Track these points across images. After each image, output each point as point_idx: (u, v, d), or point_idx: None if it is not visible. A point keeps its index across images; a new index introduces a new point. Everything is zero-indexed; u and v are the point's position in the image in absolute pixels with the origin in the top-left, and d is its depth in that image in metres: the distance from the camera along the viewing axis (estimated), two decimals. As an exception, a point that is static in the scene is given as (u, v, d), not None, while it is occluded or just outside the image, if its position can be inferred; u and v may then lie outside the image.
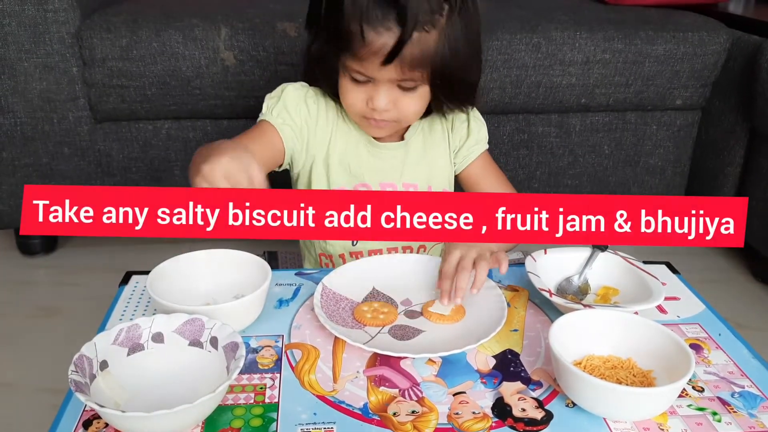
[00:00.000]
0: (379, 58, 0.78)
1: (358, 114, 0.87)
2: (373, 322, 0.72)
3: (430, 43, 0.78)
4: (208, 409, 0.57)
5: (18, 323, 1.28)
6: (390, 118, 0.86)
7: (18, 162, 1.37)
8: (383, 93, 0.82)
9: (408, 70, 0.79)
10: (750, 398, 0.63)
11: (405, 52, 0.77)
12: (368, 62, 0.79)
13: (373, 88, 0.83)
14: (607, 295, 0.79)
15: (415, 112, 0.87)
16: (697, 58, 1.41)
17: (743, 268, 1.56)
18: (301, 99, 0.91)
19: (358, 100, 0.85)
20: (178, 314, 0.64)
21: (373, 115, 0.85)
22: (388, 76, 0.80)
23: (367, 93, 0.84)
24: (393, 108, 0.84)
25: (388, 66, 0.78)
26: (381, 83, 0.82)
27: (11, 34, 1.25)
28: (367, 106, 0.84)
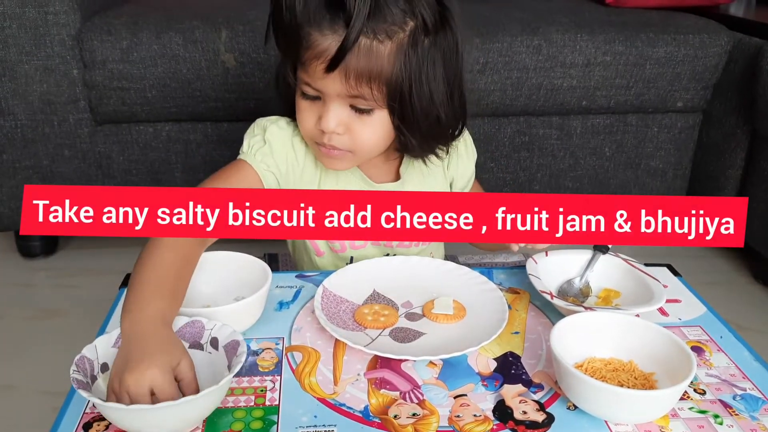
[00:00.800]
0: (322, 64, 0.70)
1: (311, 138, 0.79)
2: (374, 325, 0.72)
3: (383, 57, 0.71)
4: (211, 404, 0.56)
5: (18, 325, 1.28)
6: (343, 146, 0.77)
7: (18, 164, 1.37)
8: (332, 111, 0.74)
9: (355, 83, 0.71)
10: (752, 401, 0.63)
11: (350, 60, 0.70)
12: (312, 69, 0.72)
13: (323, 106, 0.75)
14: (608, 297, 0.79)
15: (371, 142, 0.78)
16: (698, 60, 1.41)
17: (745, 270, 1.56)
18: (287, 141, 0.83)
19: (309, 120, 0.77)
20: (178, 317, 0.64)
21: (323, 140, 0.77)
22: (334, 89, 0.73)
23: (318, 112, 0.76)
24: (345, 132, 0.76)
25: (333, 75, 0.71)
26: (331, 100, 0.74)
27: (12, 37, 1.25)
28: (316, 127, 0.77)
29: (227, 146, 1.42)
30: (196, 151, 1.41)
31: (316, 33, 0.71)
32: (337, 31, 0.70)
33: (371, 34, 0.70)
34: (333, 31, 0.70)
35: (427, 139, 0.80)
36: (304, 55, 0.72)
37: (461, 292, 0.77)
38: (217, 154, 1.42)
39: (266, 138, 0.83)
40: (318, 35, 0.71)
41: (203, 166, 1.43)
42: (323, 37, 0.70)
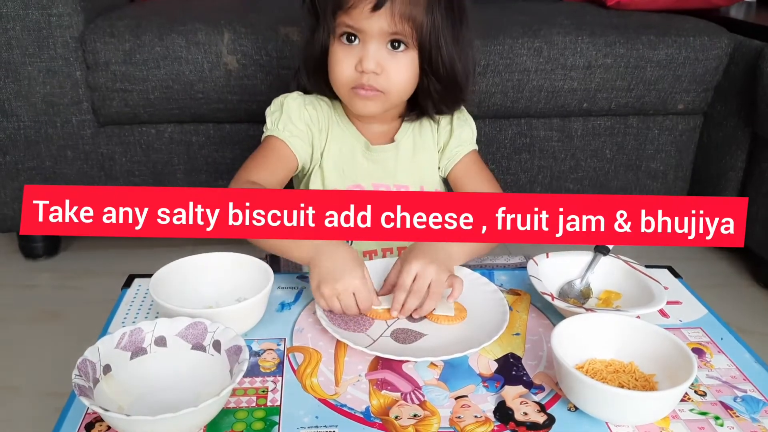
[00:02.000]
0: (369, 4, 0.79)
1: (347, 85, 0.86)
2: (386, 316, 0.73)
3: (420, 3, 0.80)
4: (212, 412, 0.57)
5: (21, 327, 1.29)
6: (379, 86, 0.84)
7: (21, 165, 1.37)
8: (372, 50, 0.82)
9: (398, 20, 0.80)
10: (752, 402, 0.63)
11: (396, 1, 0.79)
12: (358, 10, 0.80)
13: (362, 49, 0.83)
14: (609, 299, 0.79)
15: (403, 81, 0.86)
16: (699, 62, 1.41)
17: (746, 272, 1.56)
18: (301, 106, 0.92)
19: (347, 65, 0.84)
20: (180, 318, 0.64)
21: (362, 81, 0.84)
22: (378, 26, 0.81)
23: (357, 56, 0.83)
24: (381, 73, 0.83)
25: (378, 14, 0.79)
26: (370, 39, 0.82)
27: (15, 38, 1.26)
28: (355, 70, 0.84)
29: (229, 148, 1.42)
30: (199, 153, 1.42)
31: None
32: None
33: None
34: None
35: (446, 86, 0.89)
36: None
37: (462, 294, 0.77)
38: (219, 155, 1.42)
39: (283, 109, 0.91)
40: None
41: (205, 167, 1.43)
42: None
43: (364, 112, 0.89)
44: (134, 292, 0.80)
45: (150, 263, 0.75)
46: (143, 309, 0.76)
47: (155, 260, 0.74)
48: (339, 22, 0.83)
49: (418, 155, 0.97)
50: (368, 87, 0.84)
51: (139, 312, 0.76)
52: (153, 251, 1.53)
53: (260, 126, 1.40)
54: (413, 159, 0.96)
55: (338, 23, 0.83)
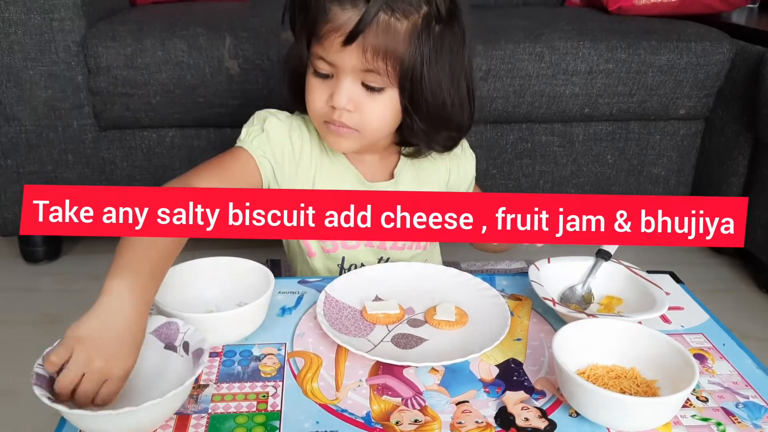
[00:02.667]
0: (340, 37, 0.73)
1: (320, 117, 0.80)
2: (387, 320, 0.73)
3: (399, 35, 0.73)
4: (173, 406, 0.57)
5: (22, 330, 1.29)
6: (352, 124, 0.78)
7: (22, 169, 1.38)
8: (344, 87, 0.76)
9: (371, 58, 0.73)
10: (754, 409, 0.63)
11: (368, 34, 0.72)
12: (329, 42, 0.74)
13: (335, 83, 0.77)
14: (610, 304, 0.79)
15: (379, 121, 0.79)
16: (701, 68, 1.41)
17: (748, 278, 1.56)
18: (285, 133, 0.85)
19: (320, 99, 0.79)
20: (157, 317, 0.65)
21: (333, 117, 0.78)
22: (350, 62, 0.74)
23: (330, 89, 0.78)
24: (355, 110, 0.78)
25: (350, 49, 0.73)
26: (343, 75, 0.76)
27: (17, 43, 1.26)
28: (327, 104, 0.78)
29: (230, 152, 1.42)
30: (200, 157, 1.41)
31: (336, 7, 0.73)
32: (357, 5, 0.72)
33: (390, 11, 0.73)
34: (353, 5, 0.73)
35: (433, 124, 0.81)
36: (323, 29, 0.74)
37: (463, 299, 0.77)
38: (220, 160, 1.42)
39: (264, 127, 0.84)
40: (338, 9, 0.73)
41: (206, 171, 1.43)
42: (343, 11, 0.73)
43: (337, 148, 0.84)
44: (135, 297, 0.80)
45: (151, 267, 0.75)
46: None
47: (156, 264, 0.74)
48: (313, 51, 0.77)
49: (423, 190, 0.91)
50: (339, 123, 0.79)
51: (140, 316, 0.76)
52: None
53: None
54: None
55: (312, 52, 0.77)
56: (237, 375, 0.65)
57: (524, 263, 1.39)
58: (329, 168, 0.87)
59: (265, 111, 0.87)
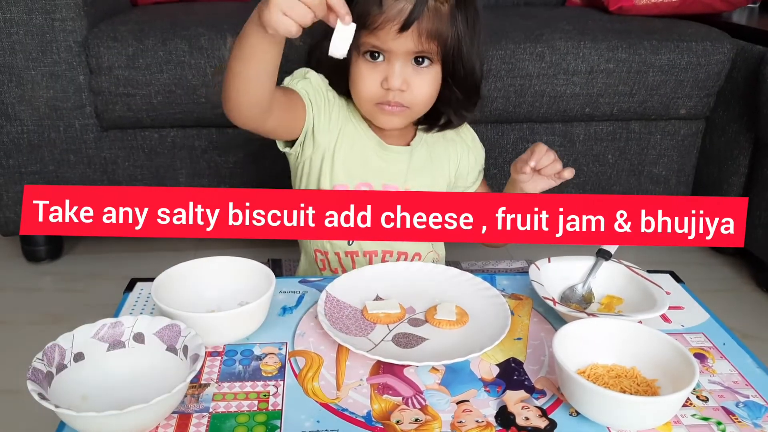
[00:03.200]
0: (396, 26, 0.79)
1: (372, 100, 0.87)
2: (387, 320, 0.73)
3: (444, 17, 0.81)
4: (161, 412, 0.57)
5: (23, 330, 1.29)
6: (404, 102, 0.86)
7: (24, 169, 1.38)
8: (398, 68, 0.83)
9: (425, 40, 0.81)
10: (755, 408, 0.63)
11: (422, 20, 0.79)
12: (384, 32, 0.80)
13: (388, 67, 0.84)
14: (611, 304, 0.79)
15: (427, 96, 0.87)
16: (701, 67, 1.41)
17: (748, 277, 1.56)
18: (324, 85, 0.91)
19: (372, 82, 0.85)
20: (160, 317, 0.65)
21: (388, 97, 0.85)
22: (405, 47, 0.82)
23: (382, 73, 0.85)
24: (407, 88, 0.85)
25: (405, 35, 0.80)
26: (396, 58, 0.83)
27: (19, 43, 1.26)
28: (381, 87, 0.85)
29: (232, 152, 1.42)
30: (201, 157, 1.42)
31: None
32: None
33: None
34: None
35: (468, 93, 0.91)
36: (377, 20, 0.80)
37: (464, 298, 0.78)
38: (221, 160, 1.43)
39: (307, 77, 0.90)
40: (391, 0, 0.79)
41: (208, 171, 1.43)
42: (396, 2, 0.79)
43: (388, 126, 0.91)
44: (136, 296, 0.80)
45: (152, 267, 0.75)
46: (145, 313, 0.76)
47: (157, 264, 0.74)
48: (363, 41, 0.83)
49: (433, 166, 0.98)
50: (394, 103, 0.86)
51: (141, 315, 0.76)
52: (155, 255, 1.53)
53: (263, 130, 1.41)
54: (428, 168, 0.97)
55: (363, 42, 0.83)
56: (238, 374, 0.65)
57: (525, 263, 1.40)
58: (351, 132, 0.94)
59: (302, 68, 0.92)
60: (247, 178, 1.45)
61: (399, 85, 0.84)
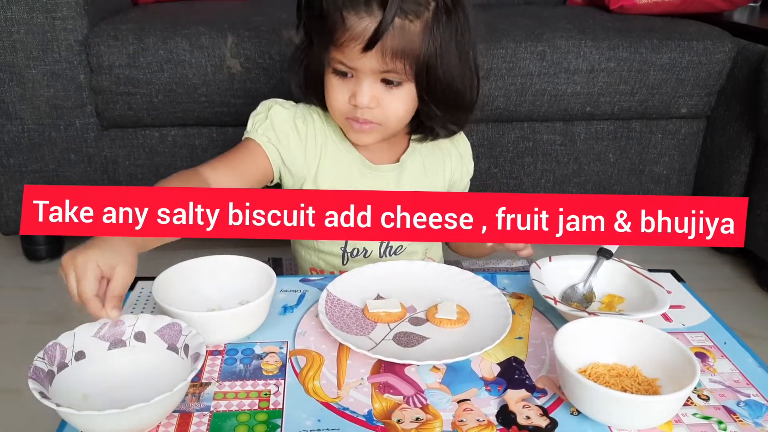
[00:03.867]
0: (360, 44, 0.76)
1: (342, 114, 0.84)
2: (388, 319, 0.73)
3: (414, 35, 0.77)
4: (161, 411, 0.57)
5: (24, 329, 1.29)
6: (374, 119, 0.83)
7: (25, 168, 1.38)
8: (366, 87, 0.80)
9: (390, 60, 0.77)
10: (756, 407, 0.63)
11: (386, 39, 0.76)
12: (349, 49, 0.77)
13: (356, 83, 0.81)
14: (612, 302, 0.79)
15: (400, 113, 0.84)
16: (702, 66, 1.41)
17: (749, 277, 1.56)
18: (289, 119, 0.89)
19: (341, 98, 0.83)
20: (161, 316, 0.65)
21: (356, 114, 0.82)
22: (370, 66, 0.78)
23: (351, 89, 0.82)
24: (377, 106, 0.82)
25: (369, 54, 0.77)
26: (364, 76, 0.80)
27: (20, 42, 1.26)
28: (349, 103, 0.82)
29: (232, 151, 1.42)
30: (202, 156, 1.42)
31: (353, 16, 0.76)
32: (373, 12, 0.75)
33: (403, 14, 0.76)
34: (369, 13, 0.75)
35: (448, 107, 0.86)
36: (342, 38, 0.77)
37: (465, 297, 0.78)
38: (222, 158, 1.43)
39: (269, 115, 0.88)
40: (355, 18, 0.76)
41: (208, 170, 1.43)
42: (360, 20, 0.76)
43: (360, 142, 0.89)
44: (137, 295, 0.80)
45: (153, 266, 0.75)
46: (146, 311, 0.76)
47: (158, 263, 0.74)
48: (332, 56, 0.80)
49: (426, 180, 0.95)
50: (363, 120, 0.83)
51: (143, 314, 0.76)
52: (156, 254, 1.53)
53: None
54: (420, 183, 0.94)
55: (331, 57, 0.81)
56: (239, 373, 0.65)
57: (525, 262, 1.39)
58: (334, 152, 0.91)
59: (270, 100, 0.90)
60: (248, 177, 1.45)
61: (366, 103, 0.81)
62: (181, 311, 0.66)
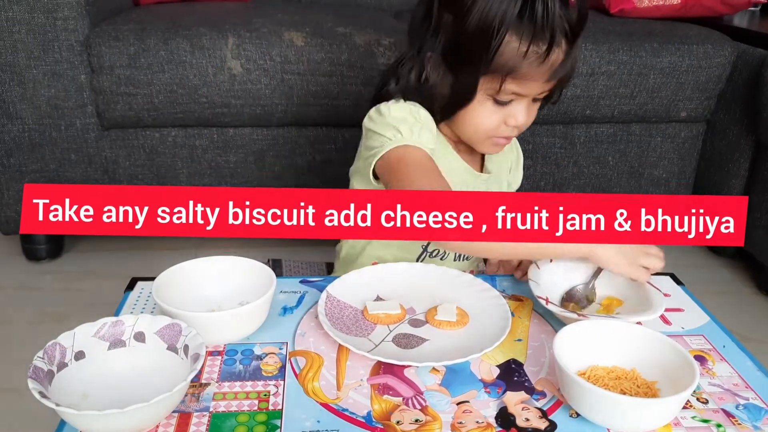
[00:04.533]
0: (545, 76, 0.77)
1: (488, 135, 0.85)
2: (388, 320, 0.73)
3: (576, 57, 0.80)
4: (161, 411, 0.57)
5: (24, 329, 1.29)
6: (516, 133, 0.86)
7: (25, 168, 1.38)
8: (528, 110, 0.82)
9: (557, 83, 0.80)
10: (754, 410, 0.63)
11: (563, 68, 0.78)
12: (534, 81, 0.78)
13: (516, 106, 0.81)
14: (610, 305, 0.79)
15: (531, 122, 0.86)
16: (702, 70, 1.42)
17: (748, 280, 1.56)
18: (431, 120, 0.86)
19: (495, 122, 0.83)
20: (161, 317, 0.65)
21: (507, 133, 0.84)
22: (539, 91, 0.80)
23: (507, 112, 0.82)
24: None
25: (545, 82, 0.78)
26: (525, 99, 0.81)
27: (21, 42, 1.26)
28: (504, 125, 0.83)
29: (233, 152, 1.42)
30: (202, 157, 1.42)
31: (539, 49, 0.76)
32: (561, 43, 0.76)
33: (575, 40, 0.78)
34: (558, 44, 0.76)
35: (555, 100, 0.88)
36: (534, 72, 0.77)
37: (464, 299, 0.78)
38: (222, 159, 1.43)
39: (420, 120, 0.84)
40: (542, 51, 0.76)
41: (209, 171, 1.43)
42: (551, 52, 0.76)
43: (494, 152, 0.91)
44: (137, 295, 0.80)
45: (153, 266, 0.75)
46: (146, 312, 0.76)
47: (158, 263, 0.74)
48: (506, 87, 0.79)
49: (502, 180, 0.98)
50: (509, 138, 0.86)
51: (142, 314, 0.76)
52: (156, 254, 1.53)
53: (263, 130, 1.42)
54: (500, 184, 0.97)
55: (504, 87, 0.79)
56: (238, 374, 0.65)
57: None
58: (444, 155, 0.89)
59: (402, 103, 0.85)
60: (248, 177, 1.45)
61: (526, 123, 0.83)
62: (181, 311, 0.66)
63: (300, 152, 1.43)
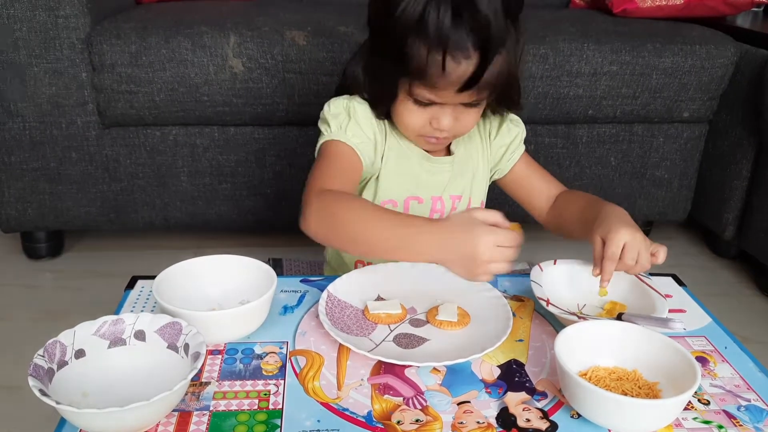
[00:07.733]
0: (455, 86, 0.76)
1: (416, 132, 0.85)
2: (389, 320, 0.73)
3: (501, 64, 0.77)
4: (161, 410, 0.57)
5: (24, 327, 1.29)
6: (449, 135, 0.85)
7: (26, 166, 1.38)
8: (450, 114, 0.81)
9: (478, 92, 0.78)
10: (756, 412, 0.63)
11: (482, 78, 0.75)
12: (443, 90, 0.77)
13: (439, 110, 0.81)
14: (613, 310, 0.78)
15: (472, 125, 0.86)
16: (705, 71, 1.41)
17: (750, 282, 1.56)
18: (369, 115, 0.87)
19: (420, 122, 0.83)
20: (161, 315, 0.65)
21: (435, 134, 0.84)
22: (459, 100, 0.79)
23: (431, 114, 0.82)
24: (455, 125, 0.83)
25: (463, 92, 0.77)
26: (448, 105, 0.80)
27: (22, 39, 1.26)
28: (430, 125, 0.83)
29: (234, 150, 1.42)
30: (203, 155, 1.42)
31: (452, 62, 0.74)
32: (470, 56, 0.74)
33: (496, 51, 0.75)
34: (466, 56, 0.74)
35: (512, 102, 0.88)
36: (438, 82, 0.76)
37: (466, 299, 0.78)
38: (223, 158, 1.43)
39: (351, 114, 0.85)
40: (454, 64, 0.74)
41: (210, 170, 1.43)
42: (458, 65, 0.74)
43: (431, 149, 0.90)
44: (137, 294, 0.80)
45: (153, 265, 0.75)
46: (146, 310, 0.76)
47: (159, 262, 0.74)
48: (417, 91, 0.79)
49: (470, 163, 0.96)
50: (440, 139, 0.85)
51: (142, 313, 0.76)
52: (157, 253, 1.53)
53: (264, 129, 1.42)
54: (467, 168, 0.95)
55: (416, 92, 0.79)
56: (239, 373, 0.65)
57: (526, 265, 1.39)
58: (395, 146, 0.90)
59: (339, 99, 0.87)
60: (249, 176, 1.45)
61: (450, 128, 0.82)
62: (181, 310, 0.66)
63: (301, 151, 1.43)
